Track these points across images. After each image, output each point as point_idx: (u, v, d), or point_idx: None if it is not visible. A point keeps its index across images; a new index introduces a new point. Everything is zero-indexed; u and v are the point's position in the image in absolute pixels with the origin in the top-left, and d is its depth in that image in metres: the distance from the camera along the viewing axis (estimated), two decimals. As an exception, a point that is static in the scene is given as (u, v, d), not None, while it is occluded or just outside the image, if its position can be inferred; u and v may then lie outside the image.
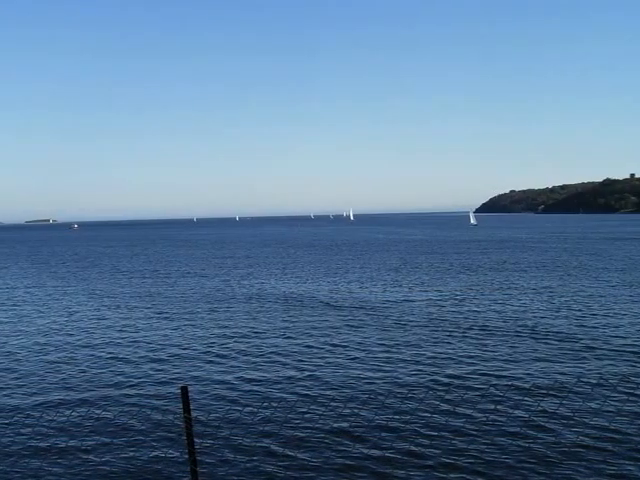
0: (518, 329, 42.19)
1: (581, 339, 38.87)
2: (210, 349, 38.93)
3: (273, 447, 22.57)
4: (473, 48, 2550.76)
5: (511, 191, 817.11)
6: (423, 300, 56.90)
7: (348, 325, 45.37)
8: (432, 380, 30.51)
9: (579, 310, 49.30)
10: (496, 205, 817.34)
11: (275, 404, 27.20)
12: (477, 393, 28.05)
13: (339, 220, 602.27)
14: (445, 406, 26.26)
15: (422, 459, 21.07)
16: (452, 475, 19.84)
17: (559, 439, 22.45)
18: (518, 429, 23.26)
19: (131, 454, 22.43)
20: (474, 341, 39.09)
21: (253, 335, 42.85)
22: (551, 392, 27.96)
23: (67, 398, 29.34)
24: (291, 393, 29.05)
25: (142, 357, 37.46)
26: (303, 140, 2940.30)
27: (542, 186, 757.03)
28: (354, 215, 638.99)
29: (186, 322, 48.76)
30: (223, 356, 37.04)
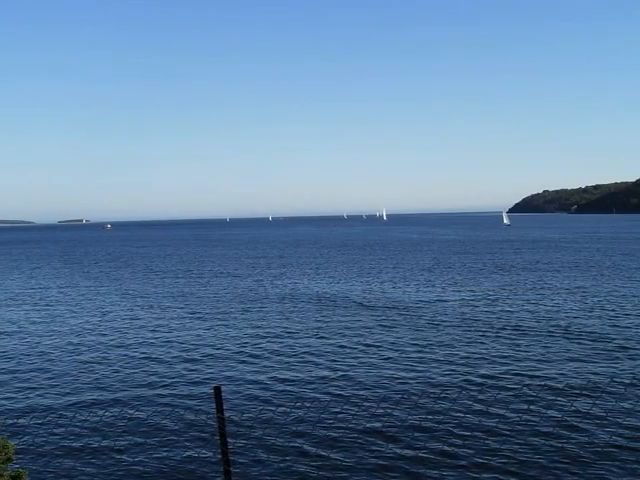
0: (551, 329, 42.08)
1: (614, 339, 38.72)
2: (243, 349, 39.09)
3: (306, 447, 22.68)
4: (501, 47, 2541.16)
5: (544, 191, 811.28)
6: (456, 300, 56.87)
7: (381, 325, 45.42)
8: (465, 380, 30.52)
9: (612, 310, 49.09)
10: (529, 205, 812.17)
11: (308, 404, 27.32)
12: (510, 393, 28.04)
13: (372, 220, 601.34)
14: (478, 406, 26.27)
15: (455, 459, 21.11)
16: (485, 475, 19.87)
17: (592, 439, 22.42)
18: (551, 429, 23.23)
19: (164, 454, 22.63)
20: (507, 341, 39.04)
21: (286, 335, 43.00)
22: (584, 392, 27.91)
23: (100, 398, 29.60)
24: (324, 393, 29.16)
25: (175, 357, 37.69)
26: (336, 139, 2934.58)
27: (575, 186, 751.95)
28: (387, 215, 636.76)
29: (219, 322, 48.96)
30: (256, 356, 37.19)
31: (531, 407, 25.78)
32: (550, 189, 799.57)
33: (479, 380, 30.37)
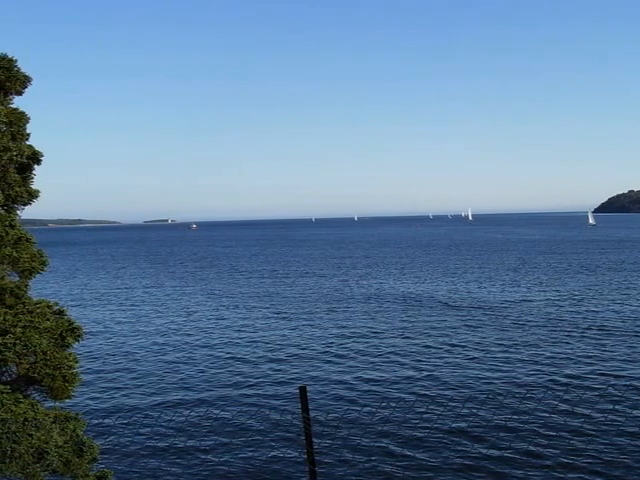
0: (637, 329, 41.73)
1: (703, 340, 38.30)
2: (328, 349, 39.46)
3: (392, 447, 22.94)
4: (583, 47, 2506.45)
5: (629, 191, 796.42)
6: (541, 300, 56.53)
7: (466, 325, 45.46)
8: (551, 380, 30.50)
9: (702, 310, 48.40)
10: (614, 205, 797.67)
11: (394, 404, 27.53)
12: (596, 393, 27.97)
13: (457, 220, 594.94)
14: (564, 406, 26.26)
15: (540, 459, 21.20)
16: (570, 475, 19.93)
17: (679, 440, 22.30)
18: (637, 429, 23.14)
19: (249, 454, 23.03)
20: (593, 341, 38.82)
21: (371, 335, 43.26)
22: (672, 393, 27.72)
23: (185, 398, 30.18)
24: (409, 393, 29.38)
25: (260, 357, 38.19)
26: (422, 139, 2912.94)
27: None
28: (472, 215, 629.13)
29: (304, 322, 49.46)
30: (341, 356, 37.53)
31: (616, 407, 25.74)
32: (635, 189, 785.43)
33: (564, 380, 30.34)
